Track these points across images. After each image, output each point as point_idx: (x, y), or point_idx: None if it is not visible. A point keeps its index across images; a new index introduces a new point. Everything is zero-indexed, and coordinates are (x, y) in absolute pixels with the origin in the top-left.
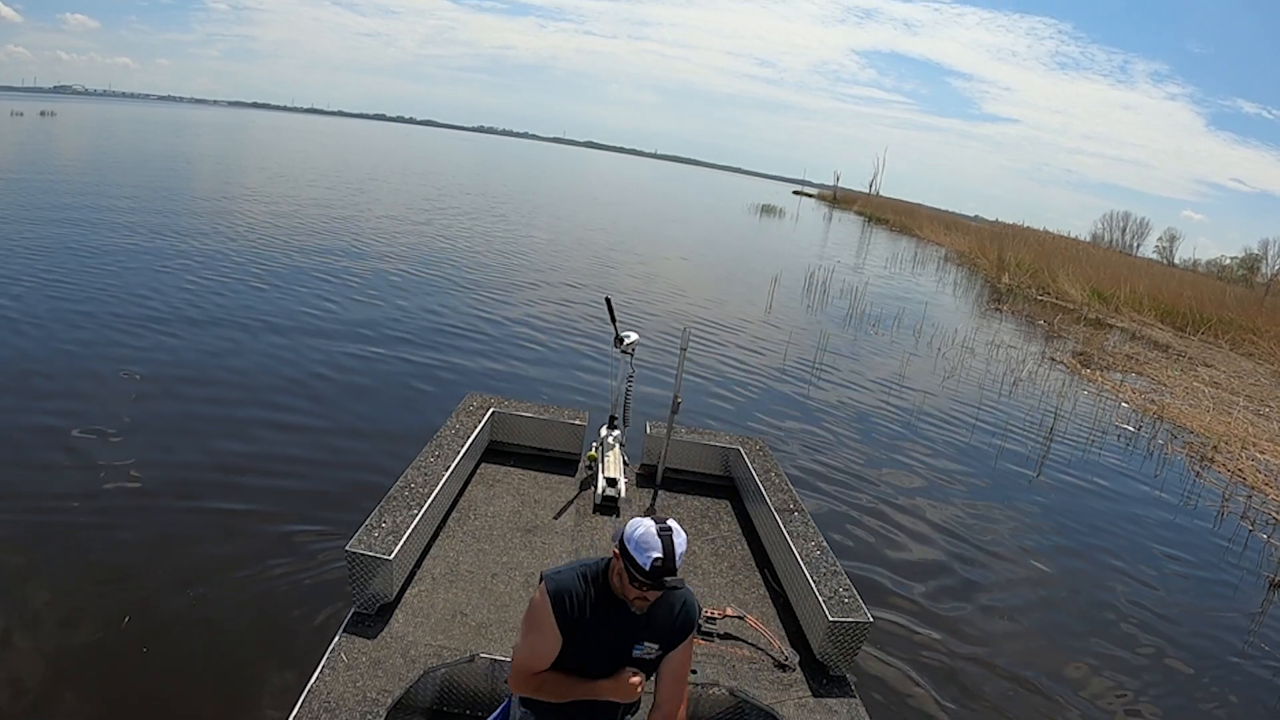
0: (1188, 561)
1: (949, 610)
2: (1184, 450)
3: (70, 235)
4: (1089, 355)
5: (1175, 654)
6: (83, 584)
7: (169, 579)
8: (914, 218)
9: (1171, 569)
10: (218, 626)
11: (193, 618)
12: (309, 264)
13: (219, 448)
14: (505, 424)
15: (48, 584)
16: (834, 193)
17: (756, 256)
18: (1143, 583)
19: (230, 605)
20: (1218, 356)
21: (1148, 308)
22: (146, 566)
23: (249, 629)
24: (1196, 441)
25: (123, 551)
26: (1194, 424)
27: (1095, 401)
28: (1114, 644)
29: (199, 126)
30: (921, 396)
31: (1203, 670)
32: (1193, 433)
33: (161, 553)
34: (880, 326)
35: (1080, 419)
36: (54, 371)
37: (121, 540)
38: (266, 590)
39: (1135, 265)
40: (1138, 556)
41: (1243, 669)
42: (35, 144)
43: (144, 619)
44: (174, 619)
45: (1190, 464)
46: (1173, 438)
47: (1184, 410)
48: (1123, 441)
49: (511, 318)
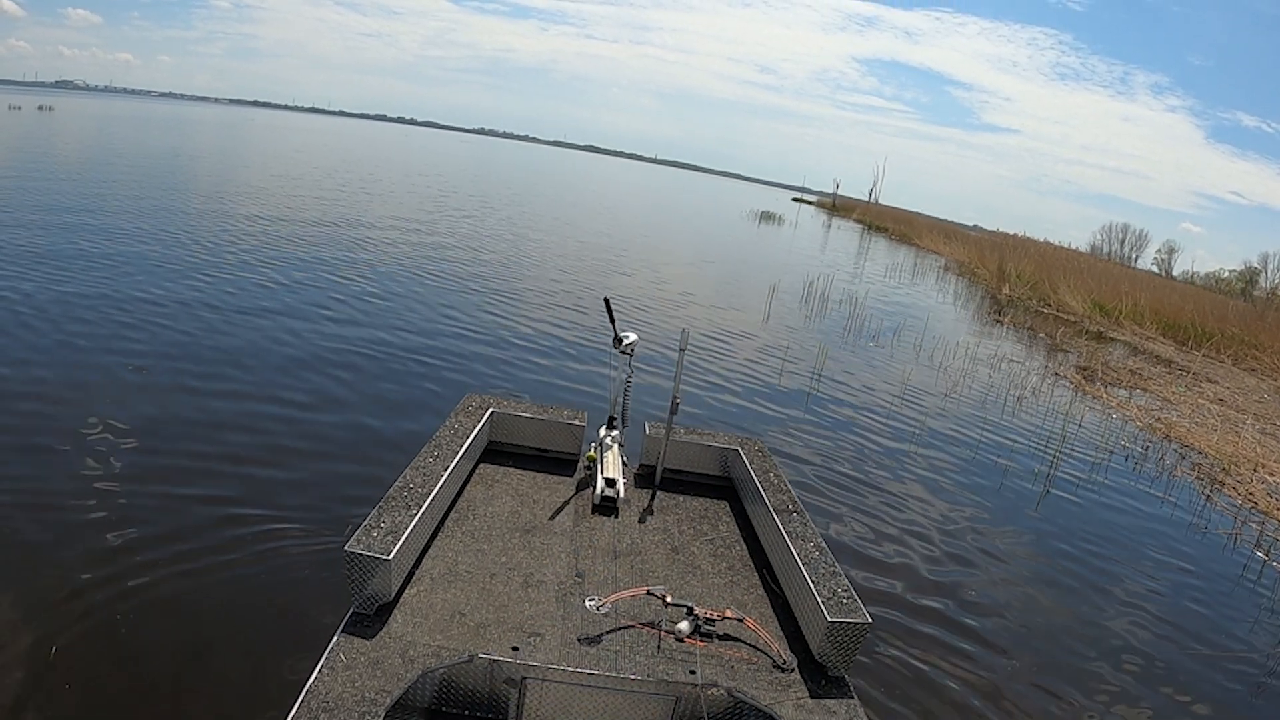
0: (1197, 591)
1: (949, 612)
2: (1193, 472)
3: (64, 235)
4: (1092, 370)
5: (1177, 685)
6: (77, 581)
7: (165, 576)
8: (913, 226)
9: (1178, 598)
10: (214, 626)
11: (188, 617)
12: (310, 262)
13: (216, 445)
14: (504, 424)
15: (38, 579)
16: (833, 200)
17: (755, 264)
18: (1149, 610)
19: (227, 605)
20: (1220, 372)
21: (1149, 321)
22: (143, 564)
23: (246, 629)
24: (1205, 463)
25: (118, 549)
26: (1202, 444)
27: (1101, 419)
28: (1117, 666)
29: (200, 124)
30: (922, 411)
31: (1218, 713)
32: (1201, 453)
33: (157, 550)
34: (880, 338)
35: (1086, 438)
36: (52, 361)
37: (116, 536)
38: (264, 590)
39: (1136, 278)
40: (1145, 583)
41: (1264, 713)
42: (31, 139)
43: (140, 617)
44: (169, 618)
45: (1200, 487)
46: (1181, 459)
47: (1191, 429)
48: (1131, 463)
49: (511, 319)
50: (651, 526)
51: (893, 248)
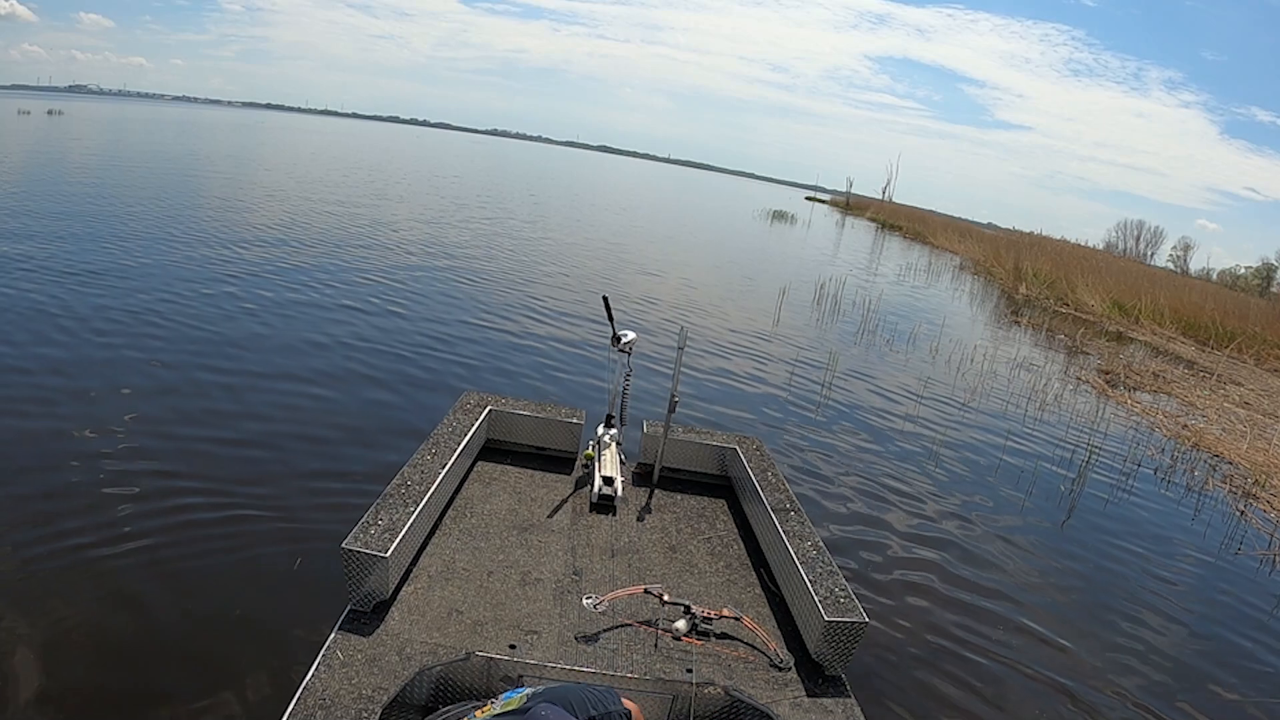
0: (1232, 618)
1: (948, 613)
2: (1224, 485)
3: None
4: (1115, 374)
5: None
6: (73, 579)
7: (163, 575)
8: (927, 225)
9: (1209, 625)
10: (210, 623)
11: (185, 614)
12: (312, 259)
13: (214, 442)
14: (502, 422)
15: (33, 577)
16: (847, 199)
17: (765, 264)
18: (1175, 636)
19: (223, 602)
20: (1244, 373)
21: (1169, 321)
22: (141, 563)
23: (242, 626)
24: (1237, 474)
25: (115, 547)
26: (1231, 453)
27: (1126, 428)
28: (1136, 692)
29: (215, 128)
30: (940, 418)
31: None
32: (1231, 463)
33: (155, 548)
34: (894, 344)
35: (1112, 449)
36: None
37: (112, 534)
38: (261, 587)
39: (1153, 275)
40: (1174, 607)
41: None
42: (36, 146)
43: (136, 615)
44: (166, 615)
45: (1233, 503)
46: (1211, 470)
47: (1220, 437)
48: (1159, 476)
49: (512, 317)
50: (649, 525)
51: (907, 246)
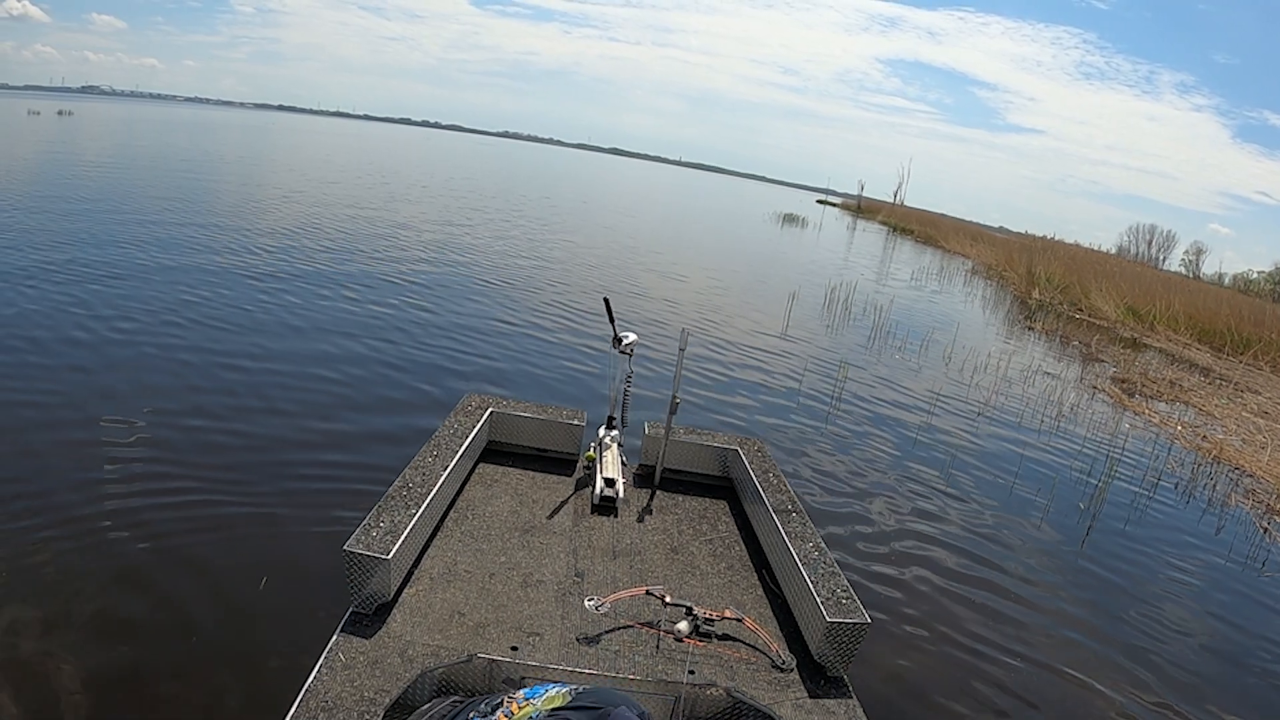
0: (1260, 647)
1: (954, 616)
2: (1247, 501)
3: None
4: (1131, 382)
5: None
6: (72, 578)
7: (161, 575)
8: (938, 228)
9: (1232, 650)
10: (212, 626)
11: (186, 617)
12: (315, 260)
13: (211, 441)
14: (503, 424)
15: (31, 580)
16: (858, 202)
17: (776, 267)
18: (1195, 656)
19: (225, 604)
20: (1261, 381)
21: (1184, 327)
22: (139, 563)
23: (244, 628)
24: (1259, 489)
25: (114, 545)
26: (1253, 466)
27: (1145, 440)
28: (1142, 699)
29: (228, 130)
30: (952, 425)
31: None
32: (1253, 476)
33: (153, 547)
34: (906, 349)
35: (1131, 462)
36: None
37: (111, 533)
38: (262, 589)
39: (1166, 280)
40: (1193, 632)
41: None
42: (44, 149)
43: (135, 615)
44: (167, 617)
45: (1256, 519)
46: (1233, 485)
47: (1241, 450)
48: (1179, 491)
49: (513, 319)
50: (651, 526)
51: (918, 250)
